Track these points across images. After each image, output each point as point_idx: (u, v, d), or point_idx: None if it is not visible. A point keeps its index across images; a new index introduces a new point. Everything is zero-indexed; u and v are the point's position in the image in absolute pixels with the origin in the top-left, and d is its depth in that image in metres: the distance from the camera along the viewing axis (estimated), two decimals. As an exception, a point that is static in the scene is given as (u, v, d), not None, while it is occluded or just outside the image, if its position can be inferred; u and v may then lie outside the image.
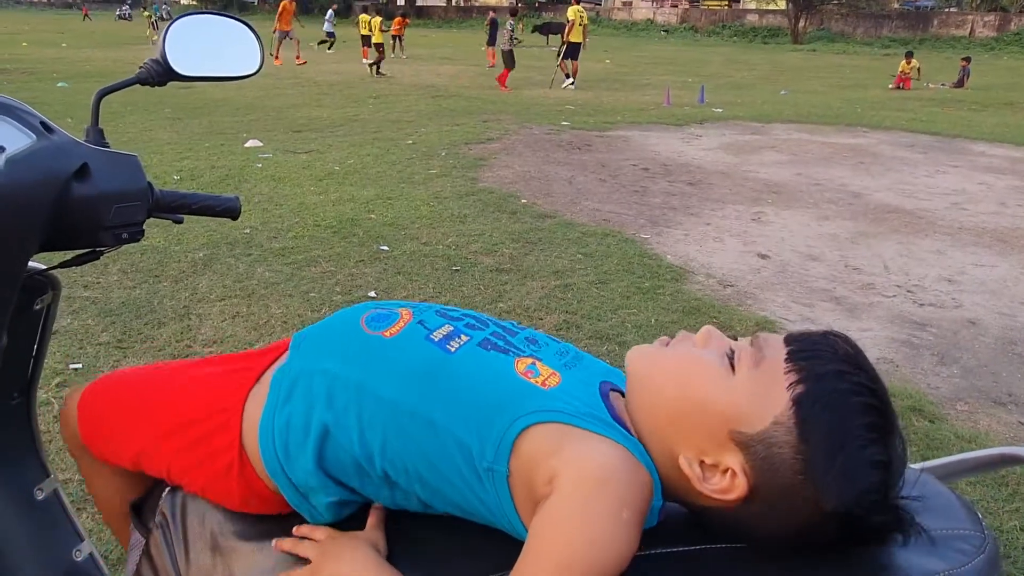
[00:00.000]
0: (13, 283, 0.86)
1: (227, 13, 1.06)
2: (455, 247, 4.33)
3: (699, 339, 0.77)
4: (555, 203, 5.48)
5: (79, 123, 0.92)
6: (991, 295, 3.96)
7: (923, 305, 3.80)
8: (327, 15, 22.48)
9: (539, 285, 3.78)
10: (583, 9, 14.64)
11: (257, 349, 1.00)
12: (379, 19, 16.34)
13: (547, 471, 0.71)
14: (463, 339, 0.84)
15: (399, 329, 0.86)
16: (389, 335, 0.85)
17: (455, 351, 0.82)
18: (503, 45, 14.08)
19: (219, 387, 0.92)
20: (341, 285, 3.70)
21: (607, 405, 0.79)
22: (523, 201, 5.46)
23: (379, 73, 15.24)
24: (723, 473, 0.71)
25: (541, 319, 3.36)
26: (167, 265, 3.86)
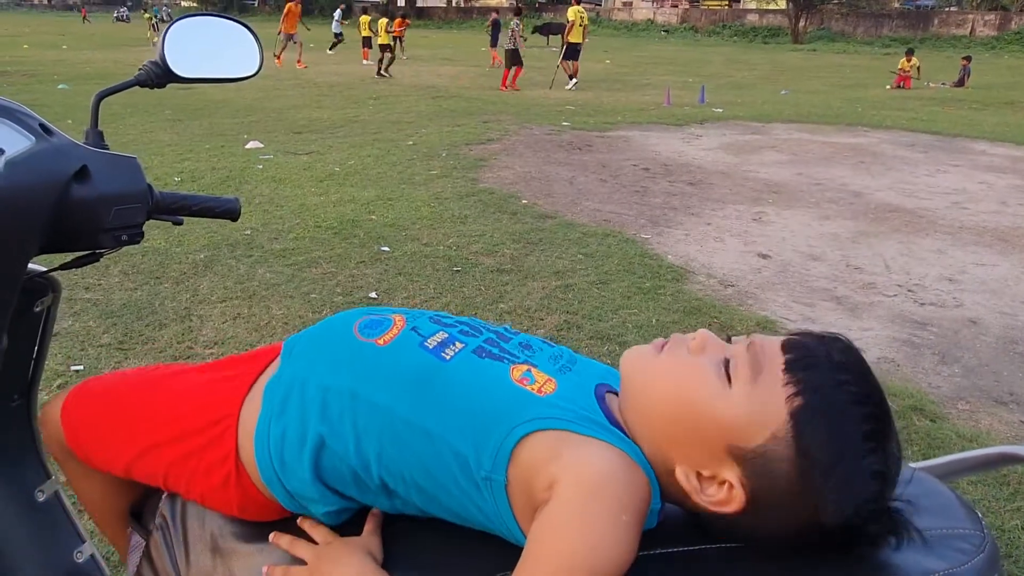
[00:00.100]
0: (13, 285, 0.86)
1: (226, 15, 1.06)
2: (456, 248, 4.33)
3: (695, 346, 0.75)
4: (556, 203, 5.48)
5: (79, 125, 0.92)
6: (992, 294, 3.96)
7: (924, 304, 3.80)
8: (335, 15, 22.33)
9: (540, 286, 3.78)
10: (583, 9, 14.65)
11: (247, 353, 0.99)
12: (385, 21, 16.32)
13: (546, 477, 0.71)
14: (458, 346, 0.83)
15: (393, 336, 0.85)
16: (383, 343, 0.84)
17: (450, 359, 0.81)
18: (507, 44, 14.09)
19: (212, 396, 0.91)
20: (342, 286, 3.70)
21: (603, 408, 0.78)
22: (524, 201, 5.46)
23: (380, 74, 15.24)
24: (720, 485, 0.71)
25: (542, 319, 3.37)
26: (168, 267, 3.86)
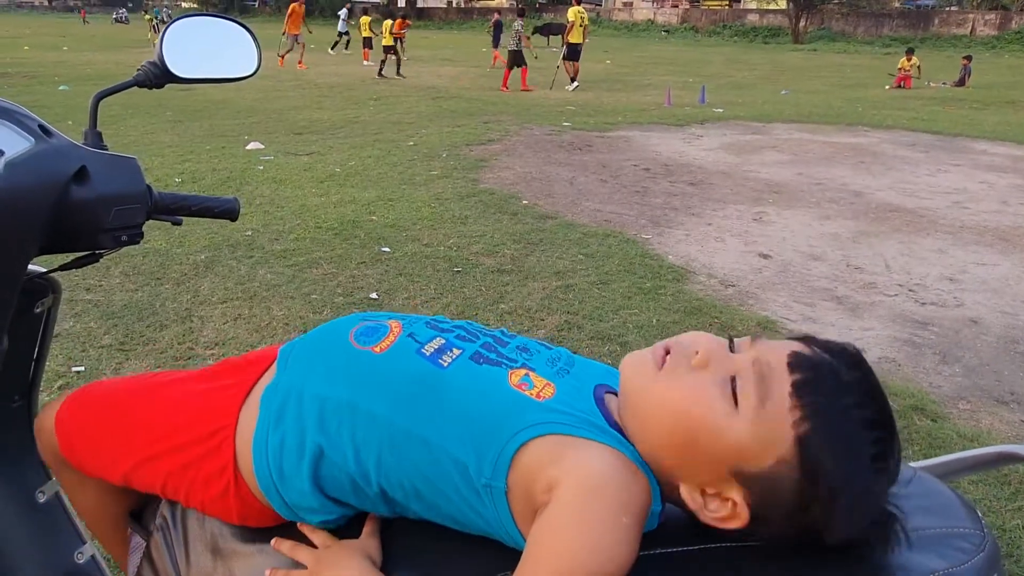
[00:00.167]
0: (13, 286, 0.86)
1: (225, 15, 1.06)
2: (456, 248, 4.34)
3: (698, 362, 0.73)
4: (556, 204, 5.48)
5: (80, 126, 0.92)
6: (993, 294, 3.95)
7: (925, 304, 3.80)
8: (341, 13, 22.23)
9: (540, 286, 3.78)
10: (583, 10, 14.65)
11: (244, 358, 0.98)
12: (389, 22, 16.28)
13: (546, 480, 0.71)
14: (455, 352, 0.82)
15: (389, 344, 0.84)
16: (379, 350, 0.83)
17: (447, 366, 0.81)
18: (511, 45, 14.10)
19: (209, 407, 0.90)
20: (343, 287, 3.70)
21: (603, 411, 0.78)
22: (524, 202, 5.46)
23: (382, 74, 15.25)
24: (724, 502, 0.72)
25: (543, 320, 3.37)
26: (169, 268, 3.86)
